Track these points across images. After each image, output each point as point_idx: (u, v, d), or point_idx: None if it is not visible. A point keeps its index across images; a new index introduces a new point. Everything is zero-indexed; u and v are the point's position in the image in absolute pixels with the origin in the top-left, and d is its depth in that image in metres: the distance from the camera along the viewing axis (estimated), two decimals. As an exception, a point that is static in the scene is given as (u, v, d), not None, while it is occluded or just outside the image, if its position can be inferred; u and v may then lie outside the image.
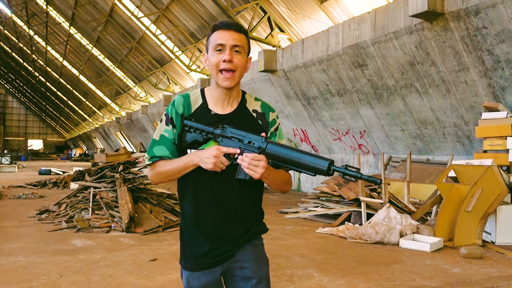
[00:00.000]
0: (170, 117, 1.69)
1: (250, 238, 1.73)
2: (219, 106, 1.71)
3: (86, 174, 10.97)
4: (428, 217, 6.75)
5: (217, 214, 1.67)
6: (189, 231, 1.71)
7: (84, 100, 40.27)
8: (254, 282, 1.71)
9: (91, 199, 7.29)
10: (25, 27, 30.51)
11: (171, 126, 1.68)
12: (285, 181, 1.74)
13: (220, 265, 1.70)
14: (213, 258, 1.68)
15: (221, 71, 1.63)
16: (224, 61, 1.61)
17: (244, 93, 1.78)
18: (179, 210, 7.53)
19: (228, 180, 1.65)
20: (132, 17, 17.56)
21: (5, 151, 32.73)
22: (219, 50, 1.63)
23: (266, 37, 12.57)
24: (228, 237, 1.68)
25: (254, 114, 1.74)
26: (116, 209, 7.00)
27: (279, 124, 1.79)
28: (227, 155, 1.59)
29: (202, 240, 1.68)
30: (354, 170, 1.49)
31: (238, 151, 1.58)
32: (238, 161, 1.57)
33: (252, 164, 1.54)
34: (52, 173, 19.07)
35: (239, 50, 1.64)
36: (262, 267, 1.75)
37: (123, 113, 31.12)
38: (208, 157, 1.56)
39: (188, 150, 1.67)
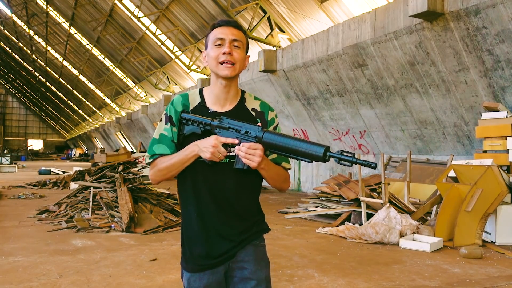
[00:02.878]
0: (169, 116, 1.70)
1: (251, 238, 1.72)
2: (218, 104, 1.71)
3: (86, 174, 10.98)
4: (428, 217, 6.75)
5: (216, 212, 1.66)
6: (189, 231, 1.70)
7: (84, 100, 40.28)
8: (253, 284, 1.69)
9: (91, 199, 7.29)
10: (25, 27, 30.52)
11: (169, 124, 1.70)
12: (283, 176, 1.74)
13: (222, 265, 1.69)
14: (214, 258, 1.67)
15: (221, 63, 1.64)
16: (224, 53, 1.63)
17: (243, 92, 1.78)
18: (179, 210, 7.54)
19: (225, 175, 1.66)
20: (132, 17, 17.56)
21: (5, 151, 32.72)
22: (219, 44, 1.64)
23: (266, 37, 12.57)
24: (228, 235, 1.67)
25: (253, 113, 1.75)
26: (116, 209, 7.00)
27: (277, 124, 1.80)
28: (225, 145, 1.60)
29: (201, 240, 1.67)
30: (349, 155, 1.49)
31: (237, 141, 1.59)
32: (235, 151, 1.58)
33: (248, 153, 1.55)
34: (52, 173, 19.06)
35: (238, 45, 1.66)
36: (262, 269, 1.73)
37: (123, 113, 31.13)
38: (206, 146, 1.57)
39: None
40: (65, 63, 33.45)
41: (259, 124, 1.62)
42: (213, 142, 1.56)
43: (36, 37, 31.60)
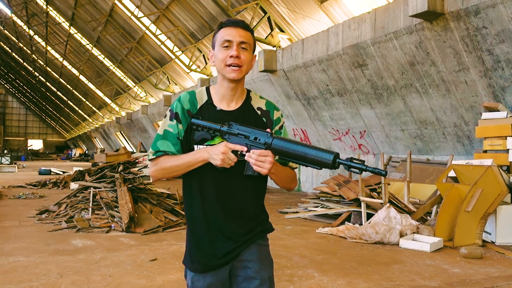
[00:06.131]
0: (175, 112, 1.70)
1: (256, 238, 1.73)
2: (224, 102, 1.73)
3: (86, 174, 10.97)
4: (428, 217, 6.75)
5: (221, 213, 1.67)
6: (194, 231, 1.71)
7: (84, 100, 40.27)
8: (257, 283, 1.70)
9: (91, 199, 7.28)
10: (25, 27, 30.50)
11: (175, 121, 1.69)
12: (291, 177, 1.76)
13: (227, 265, 1.69)
14: (218, 259, 1.67)
15: (228, 66, 1.65)
16: (231, 56, 1.63)
17: (249, 91, 1.79)
18: (179, 210, 7.53)
19: (232, 177, 1.66)
20: (132, 17, 17.56)
21: (5, 151, 32.71)
22: (226, 46, 1.65)
23: (266, 37, 12.57)
24: (232, 235, 1.68)
25: (259, 112, 1.76)
26: (116, 209, 7.00)
27: (283, 123, 1.81)
28: (234, 152, 1.60)
29: (206, 240, 1.68)
30: (359, 162, 1.49)
31: (245, 148, 1.59)
32: (246, 158, 1.58)
33: (259, 160, 1.55)
34: (52, 173, 19.05)
35: (246, 47, 1.66)
36: (265, 268, 1.74)
37: (123, 113, 31.12)
38: (216, 153, 1.56)
39: (195, 146, 1.68)
40: (65, 63, 33.44)
41: (268, 130, 1.62)
42: (223, 149, 1.56)
43: (36, 37, 31.59)
